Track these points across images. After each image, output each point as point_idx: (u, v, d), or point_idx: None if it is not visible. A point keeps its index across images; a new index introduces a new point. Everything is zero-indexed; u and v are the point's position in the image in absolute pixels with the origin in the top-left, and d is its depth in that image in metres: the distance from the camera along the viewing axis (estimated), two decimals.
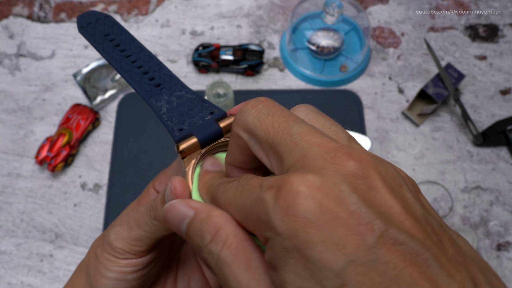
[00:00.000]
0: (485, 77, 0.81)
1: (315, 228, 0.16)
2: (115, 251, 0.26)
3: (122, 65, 0.30)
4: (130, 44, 0.31)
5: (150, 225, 0.25)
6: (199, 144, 0.26)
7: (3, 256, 0.69)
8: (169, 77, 0.29)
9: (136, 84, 0.29)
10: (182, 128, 0.26)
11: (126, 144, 0.76)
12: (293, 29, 0.83)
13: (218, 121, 0.27)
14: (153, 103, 0.28)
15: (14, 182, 0.74)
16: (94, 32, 0.32)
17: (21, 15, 0.88)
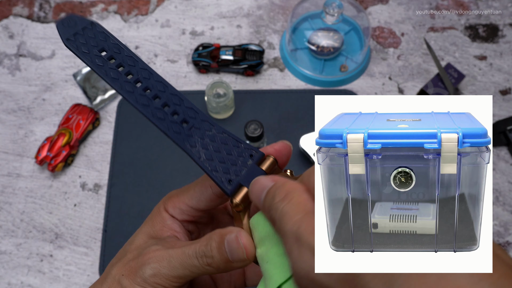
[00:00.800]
0: (485, 77, 0.81)
1: None
2: (151, 286, 0.27)
3: (137, 98, 0.27)
4: (135, 66, 0.27)
5: (200, 268, 0.27)
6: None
7: (3, 256, 0.69)
8: (193, 112, 0.27)
9: (162, 124, 0.26)
10: (230, 179, 0.26)
11: (126, 144, 0.76)
12: (293, 29, 0.83)
13: (259, 165, 0.27)
14: (188, 149, 0.26)
15: (14, 182, 0.74)
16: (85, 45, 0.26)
17: (21, 15, 0.88)
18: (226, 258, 0.26)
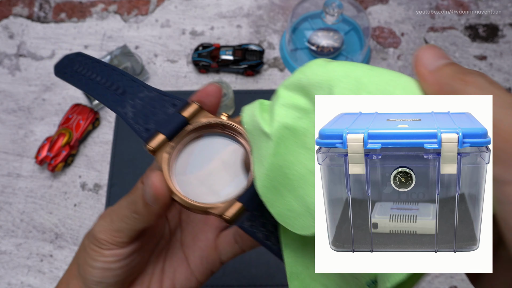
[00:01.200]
0: None
1: None
2: (100, 243, 0.28)
3: (99, 91, 0.30)
4: (104, 72, 0.31)
5: (131, 218, 0.27)
6: (167, 139, 0.26)
7: (3, 256, 0.69)
8: (131, 82, 0.29)
9: (102, 98, 0.29)
10: (148, 128, 0.27)
11: (126, 144, 0.76)
12: (293, 29, 0.83)
13: (181, 112, 0.27)
14: (120, 111, 0.28)
15: (14, 182, 0.74)
16: (71, 73, 0.32)
17: (21, 15, 0.88)
18: (144, 200, 0.26)
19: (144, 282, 0.32)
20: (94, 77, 0.31)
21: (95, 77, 0.31)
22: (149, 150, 0.26)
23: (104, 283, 0.29)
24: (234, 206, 0.25)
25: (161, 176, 0.25)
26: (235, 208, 0.25)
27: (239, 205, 0.25)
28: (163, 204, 0.26)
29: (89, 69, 0.32)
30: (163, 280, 0.32)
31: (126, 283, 0.30)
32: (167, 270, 0.32)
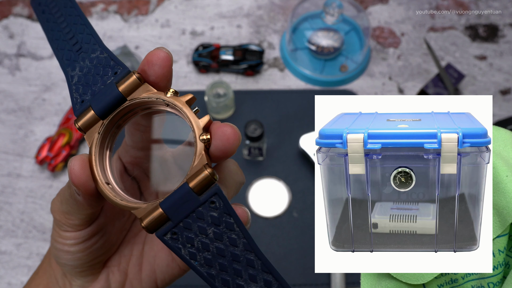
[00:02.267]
0: (485, 77, 0.81)
1: None
2: (57, 223, 0.25)
3: (55, 38, 0.26)
4: (64, 11, 0.26)
5: (70, 202, 0.24)
6: (98, 117, 0.22)
7: (3, 256, 0.69)
8: (89, 37, 0.25)
9: (59, 54, 0.25)
10: (84, 100, 0.23)
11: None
12: (293, 29, 0.83)
13: (118, 84, 0.23)
14: (68, 73, 0.24)
15: (14, 182, 0.74)
16: (44, 10, 0.27)
17: (21, 15, 0.88)
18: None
19: (121, 263, 0.28)
20: (60, 21, 0.26)
21: (61, 22, 0.26)
22: (77, 128, 0.22)
23: (68, 265, 0.26)
24: (154, 212, 0.21)
25: (83, 160, 0.22)
26: (155, 215, 0.21)
27: (159, 212, 0.21)
28: (85, 194, 0.22)
29: (60, 8, 0.27)
30: (142, 264, 0.29)
31: (95, 264, 0.27)
32: (147, 253, 0.29)
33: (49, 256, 0.29)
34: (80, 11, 0.26)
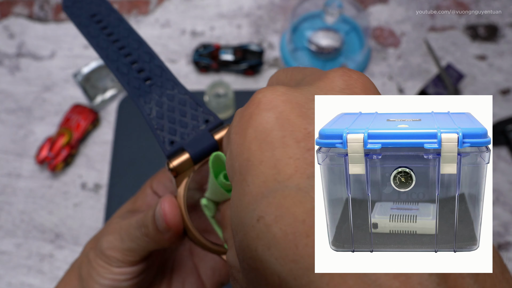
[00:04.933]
0: (485, 77, 0.81)
1: (259, 145, 0.14)
2: (108, 259, 0.26)
3: (109, 54, 0.26)
4: (119, 27, 0.27)
5: (141, 240, 0.25)
6: (192, 161, 0.23)
7: (3, 256, 0.69)
8: (160, 70, 0.25)
9: (123, 78, 0.25)
10: (173, 141, 0.23)
11: (126, 144, 0.76)
12: (293, 29, 0.83)
13: (213, 132, 0.23)
14: (141, 104, 0.24)
15: (14, 182, 0.74)
16: (80, 12, 0.27)
17: (21, 15, 0.88)
18: (156, 227, 0.23)
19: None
20: (114, 38, 0.26)
21: (115, 39, 0.26)
22: (171, 169, 0.23)
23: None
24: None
25: (175, 203, 0.23)
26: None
27: None
28: (175, 234, 0.23)
29: (110, 25, 0.26)
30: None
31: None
32: (175, 280, 0.30)
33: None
34: (138, 35, 0.26)
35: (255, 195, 0.14)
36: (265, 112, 0.14)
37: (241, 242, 0.14)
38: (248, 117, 0.15)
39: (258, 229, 0.13)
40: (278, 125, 0.14)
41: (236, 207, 0.14)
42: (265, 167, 0.14)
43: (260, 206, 0.13)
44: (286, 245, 0.13)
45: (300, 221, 0.13)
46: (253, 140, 0.14)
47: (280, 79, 0.19)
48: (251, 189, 0.14)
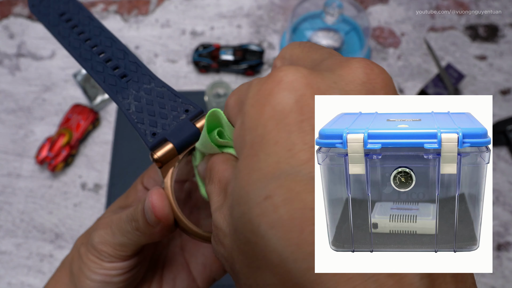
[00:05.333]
0: (485, 77, 0.81)
1: (275, 124, 0.14)
2: (100, 254, 0.26)
3: (82, 52, 0.26)
4: (90, 25, 0.27)
5: (132, 234, 0.25)
6: (176, 151, 0.23)
7: (3, 256, 0.69)
8: (135, 66, 0.25)
9: (98, 76, 0.25)
10: (155, 132, 0.23)
11: (126, 144, 0.76)
12: (293, 29, 0.83)
13: (194, 121, 0.24)
14: (119, 100, 0.24)
15: (14, 182, 0.74)
16: (48, 11, 0.27)
17: (21, 15, 0.88)
18: (146, 220, 0.23)
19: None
20: (85, 37, 0.26)
21: (86, 38, 0.26)
22: (155, 160, 0.23)
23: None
24: None
25: (163, 195, 0.23)
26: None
27: None
28: (166, 226, 0.23)
29: (80, 23, 0.26)
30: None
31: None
32: (166, 276, 0.29)
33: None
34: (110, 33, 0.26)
35: (265, 173, 0.14)
36: (286, 92, 0.14)
37: (242, 215, 0.14)
38: (267, 93, 0.15)
39: (264, 207, 0.13)
40: (297, 108, 0.14)
41: (242, 180, 0.14)
42: (279, 148, 0.14)
43: (270, 185, 0.13)
44: (291, 228, 0.13)
45: (308, 208, 0.13)
46: (270, 118, 0.14)
47: (295, 53, 0.19)
48: (261, 166, 0.14)
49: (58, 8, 0.27)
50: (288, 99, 0.14)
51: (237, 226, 0.15)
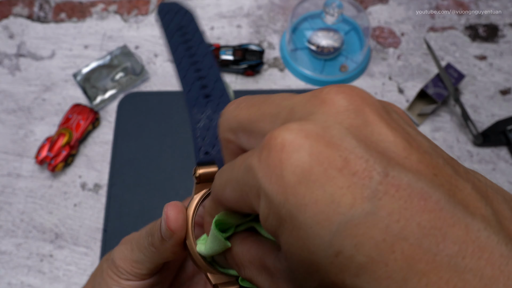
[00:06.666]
0: (485, 77, 0.81)
1: (306, 186, 0.14)
2: (118, 270, 0.25)
3: (182, 62, 0.27)
4: (199, 45, 0.29)
5: (148, 250, 0.24)
6: None
7: (3, 256, 0.69)
8: (221, 92, 0.26)
9: (186, 85, 0.26)
10: (208, 152, 0.24)
11: (126, 144, 0.76)
12: (293, 29, 0.83)
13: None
14: (194, 113, 0.25)
15: (14, 182, 0.74)
16: (170, 21, 0.30)
17: (21, 15, 0.88)
18: (161, 235, 0.23)
19: None
20: (191, 53, 0.28)
21: (192, 54, 0.28)
22: (196, 175, 0.23)
23: None
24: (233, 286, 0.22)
25: (180, 208, 0.22)
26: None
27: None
28: (176, 241, 0.22)
29: (192, 41, 0.29)
30: None
31: None
32: None
33: None
34: (214, 60, 0.28)
35: (322, 235, 0.13)
36: (295, 153, 0.14)
37: (321, 282, 0.14)
38: (277, 163, 0.14)
39: (339, 263, 0.13)
40: (314, 162, 0.14)
41: (299, 254, 0.14)
42: (322, 206, 0.13)
43: (334, 242, 0.13)
44: (375, 267, 0.13)
45: (381, 241, 0.13)
46: (296, 184, 0.14)
47: (241, 117, 0.18)
48: (314, 230, 0.13)
49: (179, 22, 0.30)
50: (301, 157, 0.14)
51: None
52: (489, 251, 0.12)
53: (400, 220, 0.12)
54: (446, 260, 0.12)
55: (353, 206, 0.13)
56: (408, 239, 0.12)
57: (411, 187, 0.13)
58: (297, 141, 0.14)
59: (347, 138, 0.14)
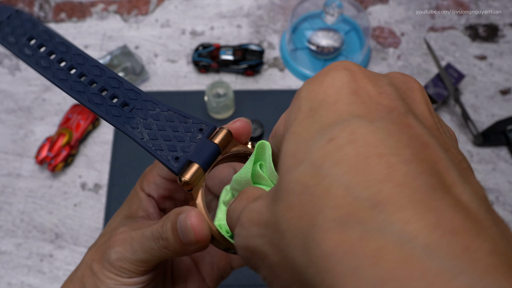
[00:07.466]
0: (485, 77, 0.81)
1: (336, 92, 0.16)
2: (119, 271, 0.25)
3: (72, 85, 0.24)
4: (68, 53, 0.25)
5: (158, 251, 0.25)
6: (202, 170, 0.23)
7: (3, 256, 0.69)
8: (134, 93, 0.25)
9: (99, 109, 0.24)
10: (177, 156, 0.23)
11: (126, 144, 0.76)
12: (293, 29, 0.83)
13: (211, 138, 0.24)
14: (129, 131, 0.24)
15: (14, 182, 0.74)
16: (14, 37, 0.25)
17: None
18: (180, 240, 0.23)
19: None
20: (68, 66, 0.25)
21: (70, 68, 0.25)
22: (185, 183, 0.23)
23: None
24: None
25: (201, 217, 0.23)
26: None
27: None
28: (203, 245, 0.23)
29: (57, 51, 0.25)
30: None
31: None
32: (176, 279, 0.30)
33: None
34: (96, 61, 0.25)
35: (327, 123, 0.15)
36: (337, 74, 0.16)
37: (298, 163, 0.15)
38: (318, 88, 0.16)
39: (327, 149, 0.14)
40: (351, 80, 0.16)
41: (301, 133, 0.15)
42: (341, 104, 0.15)
43: (333, 130, 0.14)
44: (357, 162, 0.13)
45: (373, 146, 0.14)
46: (328, 87, 0.16)
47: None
48: (323, 119, 0.15)
49: (24, 32, 0.25)
50: (342, 78, 0.16)
51: (291, 180, 0.14)
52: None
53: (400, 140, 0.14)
54: None
55: (365, 114, 0.15)
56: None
57: (417, 127, 0.15)
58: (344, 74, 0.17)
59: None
